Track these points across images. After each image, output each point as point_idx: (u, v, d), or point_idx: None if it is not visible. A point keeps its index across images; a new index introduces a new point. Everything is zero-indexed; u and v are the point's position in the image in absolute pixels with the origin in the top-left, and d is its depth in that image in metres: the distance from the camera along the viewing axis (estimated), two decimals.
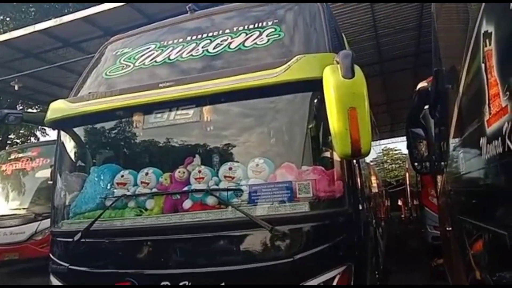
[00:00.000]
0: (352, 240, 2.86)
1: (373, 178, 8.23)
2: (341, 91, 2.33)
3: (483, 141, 1.79)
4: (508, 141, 1.40)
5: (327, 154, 2.94)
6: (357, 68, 2.39)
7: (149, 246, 3.02)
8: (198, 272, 2.83)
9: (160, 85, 3.10)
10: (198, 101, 3.11)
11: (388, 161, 36.29)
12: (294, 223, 2.77)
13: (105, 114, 3.32)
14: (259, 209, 2.84)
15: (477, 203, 2.08)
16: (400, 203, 20.52)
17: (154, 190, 3.15)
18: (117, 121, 3.46)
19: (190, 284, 2.79)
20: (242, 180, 2.96)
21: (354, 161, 3.10)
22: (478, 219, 2.03)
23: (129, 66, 3.59)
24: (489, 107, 1.62)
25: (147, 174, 3.18)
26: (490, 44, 1.53)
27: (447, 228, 3.40)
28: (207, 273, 2.81)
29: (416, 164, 5.00)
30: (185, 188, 3.05)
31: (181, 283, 2.80)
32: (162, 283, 2.83)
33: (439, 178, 4.15)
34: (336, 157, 2.87)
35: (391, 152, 36.11)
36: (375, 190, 8.47)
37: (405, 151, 22.12)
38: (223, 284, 2.75)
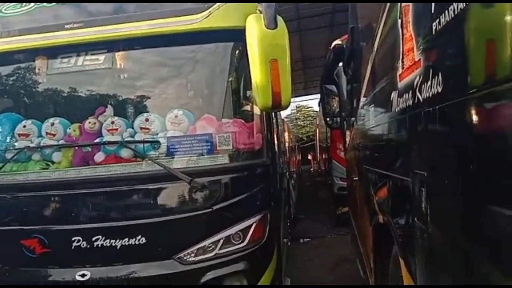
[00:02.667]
0: (269, 190, 2.96)
1: (286, 134, 8.53)
2: (263, 42, 2.30)
3: (394, 95, 1.90)
4: (418, 93, 1.49)
5: (247, 107, 2.94)
6: (279, 19, 2.37)
7: (57, 201, 2.83)
8: (113, 226, 2.73)
9: (66, 26, 2.81)
10: (109, 45, 2.89)
11: (301, 117, 37.83)
12: (214, 175, 2.76)
13: (1, 57, 2.94)
14: (178, 162, 2.78)
15: (384, 153, 2.24)
16: (310, 157, 21.70)
17: (62, 142, 2.92)
18: (16, 65, 3.09)
19: (104, 238, 2.70)
20: (160, 132, 2.85)
21: (272, 115, 3.15)
22: (384, 168, 2.20)
23: (29, 3, 3.18)
24: (403, 62, 1.71)
25: (52, 124, 2.92)
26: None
27: (354, 178, 3.66)
28: (123, 227, 2.72)
29: (328, 119, 5.26)
30: (97, 140, 2.87)
31: (94, 238, 2.70)
32: (74, 238, 2.70)
33: (348, 132, 4.40)
34: (256, 111, 2.89)
35: (303, 109, 37.58)
36: (288, 144, 8.81)
37: (317, 108, 23.22)
38: (139, 236, 2.70)
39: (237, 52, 2.92)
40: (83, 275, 2.71)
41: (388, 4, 2.01)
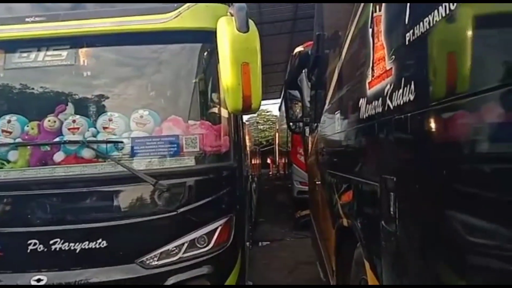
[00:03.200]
0: (235, 193, 2.96)
1: (247, 137, 8.57)
2: (235, 45, 2.30)
3: (362, 101, 1.95)
4: (388, 101, 1.55)
5: (215, 109, 2.93)
6: (251, 23, 2.38)
7: (12, 202, 2.68)
8: (72, 229, 2.62)
9: (27, 19, 2.68)
10: (73, 41, 2.80)
11: (261, 121, 38.06)
12: (179, 177, 2.73)
13: None
14: (143, 163, 2.73)
15: (351, 158, 2.30)
16: (269, 161, 21.87)
17: (18, 140, 2.78)
18: None
19: (62, 241, 2.59)
20: (124, 132, 2.78)
21: (238, 118, 3.15)
22: (350, 173, 2.26)
23: None
24: (373, 70, 1.77)
25: (9, 121, 2.78)
26: (380, 10, 1.65)
27: (317, 182, 3.73)
28: (83, 230, 2.62)
29: (291, 124, 5.33)
30: (57, 139, 2.75)
31: (52, 241, 2.58)
32: (29, 241, 2.57)
33: (310, 137, 4.47)
34: (223, 113, 2.89)
35: (263, 113, 37.83)
36: (250, 148, 8.84)
37: (277, 113, 23.46)
38: (100, 240, 2.61)
39: (205, 53, 2.90)
40: (38, 280, 2.59)
41: (358, 13, 2.07)
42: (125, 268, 2.65)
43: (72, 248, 2.60)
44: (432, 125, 1.29)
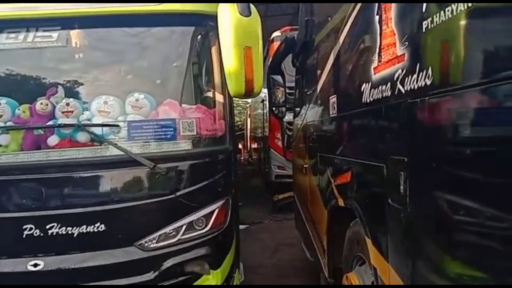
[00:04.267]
0: (230, 176, 3.01)
1: None
2: (238, 29, 2.31)
3: (366, 86, 2.03)
4: (399, 85, 1.63)
5: (210, 93, 2.94)
6: (252, 7, 2.40)
7: (6, 187, 2.61)
8: (70, 213, 2.59)
9: None
10: (64, 22, 2.73)
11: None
12: (177, 160, 2.74)
13: None
14: (140, 147, 2.71)
15: (354, 141, 2.38)
16: (240, 146, 21.91)
17: (10, 123, 2.70)
18: None
19: (59, 226, 2.57)
20: (120, 116, 2.76)
21: (232, 102, 3.18)
22: (351, 155, 2.35)
23: None
24: (380, 56, 1.85)
25: None
26: None
27: (304, 166, 3.82)
28: (80, 214, 2.60)
29: (274, 108, 5.40)
30: (50, 123, 2.70)
31: (49, 226, 2.55)
32: (25, 226, 2.53)
33: (295, 122, 4.55)
34: (218, 97, 2.91)
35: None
36: None
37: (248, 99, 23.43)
38: (98, 224, 2.60)
39: (201, 37, 2.91)
40: (35, 265, 2.56)
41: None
42: (124, 251, 2.66)
43: (69, 232, 2.57)
44: (445, 109, 1.38)
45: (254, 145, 15.26)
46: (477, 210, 1.22)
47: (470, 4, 1.16)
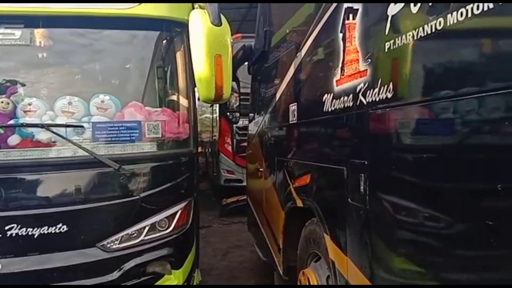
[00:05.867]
0: (193, 178, 3.09)
1: None
2: (210, 38, 2.44)
3: (327, 97, 2.24)
4: (361, 97, 1.85)
5: (175, 97, 3.02)
6: (222, 17, 2.53)
7: None
8: (30, 214, 2.56)
9: None
10: (28, 20, 2.69)
11: None
12: (142, 162, 2.79)
13: None
14: (105, 148, 2.73)
15: (314, 147, 2.58)
16: None
17: None
18: None
19: (19, 227, 2.52)
20: (84, 116, 2.76)
21: (195, 106, 3.27)
22: (312, 159, 2.55)
23: None
24: (342, 70, 2.06)
25: None
26: (354, 19, 1.93)
27: (260, 169, 3.99)
28: (42, 215, 2.57)
29: (228, 114, 5.53)
30: (12, 122, 2.65)
31: (8, 227, 2.50)
32: None
33: (250, 127, 4.72)
34: (183, 101, 3.00)
35: None
36: None
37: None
38: (60, 225, 2.58)
39: (167, 42, 2.99)
40: None
41: (323, 18, 2.35)
42: (86, 252, 2.66)
43: (29, 233, 2.53)
44: (402, 119, 1.61)
45: (200, 150, 15.23)
46: (428, 206, 1.45)
47: (426, 32, 1.39)
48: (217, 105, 8.35)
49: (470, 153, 1.28)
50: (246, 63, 4.72)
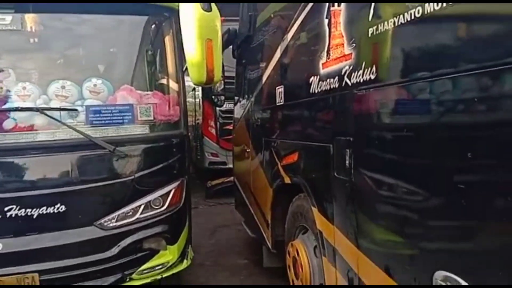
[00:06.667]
0: (185, 158, 3.22)
1: None
2: (201, 23, 2.53)
3: (314, 79, 2.39)
4: (346, 79, 2.00)
5: (165, 81, 3.12)
6: (212, 4, 2.63)
7: None
8: (29, 195, 2.65)
9: None
10: (18, 6, 2.73)
11: None
12: (135, 144, 2.90)
13: None
14: (99, 131, 2.83)
15: (301, 126, 2.73)
16: None
17: None
18: None
19: (18, 208, 2.61)
20: (77, 100, 2.84)
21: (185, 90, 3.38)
22: (298, 138, 2.71)
23: None
24: (328, 54, 2.21)
25: None
26: (339, 5, 2.07)
27: (247, 150, 4.13)
28: (40, 196, 2.67)
29: (213, 97, 5.63)
30: (6, 106, 2.71)
31: (7, 208, 2.59)
32: None
33: (236, 110, 4.83)
34: (173, 85, 3.11)
35: None
36: None
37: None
38: (58, 205, 2.69)
39: (157, 27, 3.07)
40: None
41: (308, 5, 2.48)
42: (84, 231, 2.78)
43: (28, 214, 2.63)
44: (385, 99, 1.77)
45: None
46: (406, 177, 1.63)
47: (406, 20, 1.54)
48: (200, 89, 8.42)
49: (444, 130, 1.45)
50: (230, 46, 4.80)
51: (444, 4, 1.35)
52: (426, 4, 1.43)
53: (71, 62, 2.96)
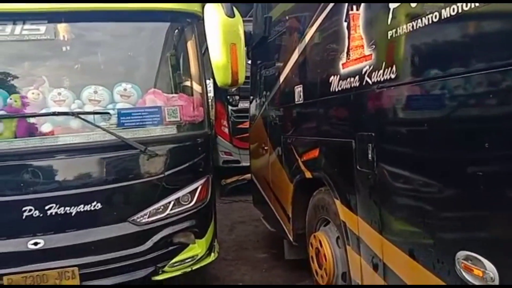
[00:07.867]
0: (210, 157, 3.39)
1: None
2: (225, 29, 2.69)
3: (334, 78, 2.53)
4: (367, 78, 2.15)
5: (188, 83, 3.29)
6: (235, 9, 2.79)
7: (4, 172, 2.77)
8: (68, 194, 2.83)
9: None
10: (52, 16, 2.91)
11: None
12: (165, 144, 3.07)
13: None
14: (131, 132, 2.99)
15: (321, 123, 2.88)
16: None
17: (2, 112, 2.85)
18: None
19: (58, 206, 2.79)
20: (109, 104, 3.02)
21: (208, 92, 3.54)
22: (320, 135, 2.85)
23: None
24: (348, 54, 2.35)
25: None
26: (357, 10, 2.22)
27: (265, 148, 4.29)
28: (78, 195, 2.84)
29: (228, 96, 5.80)
30: (43, 111, 2.90)
31: (48, 206, 2.77)
32: (25, 208, 2.73)
33: (252, 109, 4.98)
34: (197, 87, 3.27)
35: None
36: None
37: None
38: (94, 203, 2.86)
39: (181, 32, 3.23)
40: (35, 244, 2.77)
41: (326, 9, 2.63)
42: (119, 227, 2.95)
43: (67, 211, 2.81)
44: (404, 97, 1.92)
45: None
46: (426, 168, 1.78)
47: (424, 24, 1.69)
48: (212, 90, 8.59)
49: (456, 124, 1.60)
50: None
51: (460, 10, 1.49)
52: (443, 10, 1.58)
53: (101, 68, 3.13)
